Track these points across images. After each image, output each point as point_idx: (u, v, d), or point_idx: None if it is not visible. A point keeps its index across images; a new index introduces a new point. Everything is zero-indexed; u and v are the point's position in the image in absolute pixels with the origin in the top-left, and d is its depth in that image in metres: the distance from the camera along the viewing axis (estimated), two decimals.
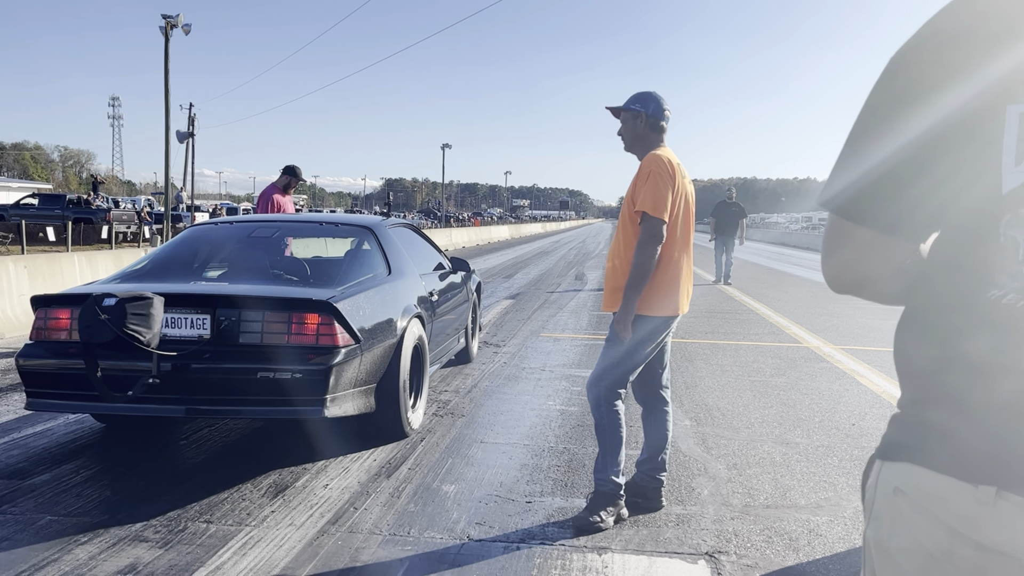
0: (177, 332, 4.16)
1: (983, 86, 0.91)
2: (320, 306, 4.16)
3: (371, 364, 4.45)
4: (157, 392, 4.05)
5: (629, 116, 3.63)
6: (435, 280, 6.01)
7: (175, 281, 4.70)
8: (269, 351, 4.09)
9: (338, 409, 4.19)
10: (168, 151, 29.15)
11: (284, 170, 8.49)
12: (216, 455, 4.56)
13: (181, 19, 28.58)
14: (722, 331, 9.55)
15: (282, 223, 6.00)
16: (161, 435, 4.92)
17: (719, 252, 16.02)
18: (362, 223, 5.80)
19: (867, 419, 5.46)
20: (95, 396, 4.09)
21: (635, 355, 3.55)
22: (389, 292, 4.96)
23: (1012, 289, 0.90)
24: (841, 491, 4.01)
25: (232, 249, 5.50)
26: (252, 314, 4.15)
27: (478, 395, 5.95)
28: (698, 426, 5.19)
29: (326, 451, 4.54)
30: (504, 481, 4.08)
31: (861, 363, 7.52)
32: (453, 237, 32.40)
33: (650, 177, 3.45)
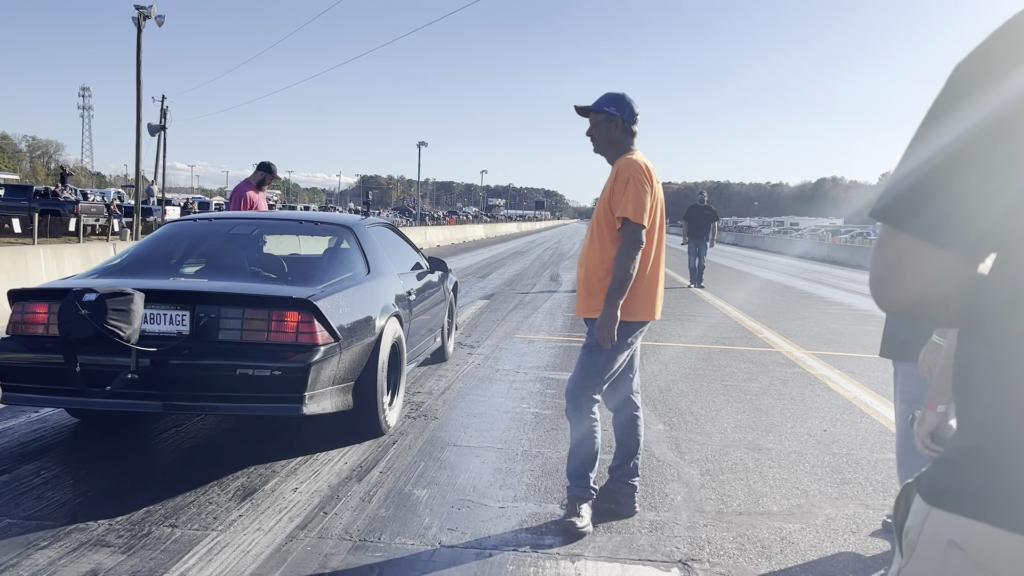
0: (156, 328, 4.15)
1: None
2: (300, 304, 4.17)
3: (350, 362, 4.45)
4: (135, 387, 4.04)
5: (603, 119, 3.59)
6: (413, 279, 6.03)
7: (154, 277, 4.68)
8: (248, 348, 4.11)
9: (316, 407, 4.19)
10: (139, 143, 28.73)
11: (259, 166, 8.44)
12: (183, 456, 4.48)
13: (154, 10, 28.18)
14: (695, 334, 9.59)
15: (262, 221, 5.96)
16: (127, 436, 4.81)
17: (692, 255, 16.12)
18: (342, 222, 5.81)
19: (837, 425, 5.49)
20: (73, 391, 4.08)
21: (613, 361, 3.53)
22: (368, 291, 4.97)
23: None
24: (813, 498, 4.02)
25: (211, 246, 5.48)
26: (232, 311, 4.16)
27: (452, 397, 5.91)
28: (671, 430, 5.19)
29: (296, 453, 4.47)
30: (477, 486, 4.04)
31: (831, 368, 7.58)
32: (428, 236, 32.30)
33: (630, 183, 3.43)
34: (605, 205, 3.52)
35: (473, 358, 7.50)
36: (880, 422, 5.56)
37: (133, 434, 4.84)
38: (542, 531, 3.49)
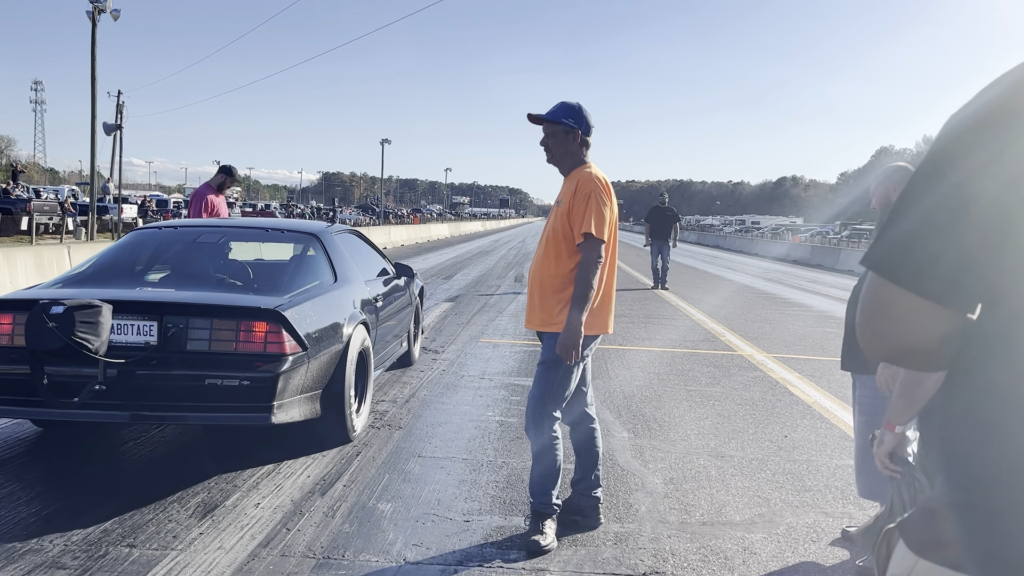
0: (124, 339, 4.15)
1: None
2: (268, 314, 4.20)
3: (317, 371, 4.49)
4: (103, 398, 4.05)
5: (561, 131, 3.56)
6: (379, 286, 6.10)
7: (120, 286, 4.69)
8: (217, 358, 4.12)
9: (285, 416, 4.23)
10: (94, 140, 28.12)
11: (219, 169, 8.49)
12: (142, 471, 4.39)
13: (109, 4, 27.59)
14: (659, 337, 9.66)
15: (228, 228, 5.93)
16: (84, 449, 4.71)
17: (654, 257, 16.25)
18: (308, 230, 5.87)
19: (799, 430, 5.57)
20: (40, 402, 4.08)
21: (571, 376, 3.53)
22: (335, 299, 5.00)
23: None
24: (774, 506, 4.08)
25: (178, 254, 5.48)
26: (200, 321, 4.17)
27: (416, 405, 5.88)
28: (636, 438, 5.22)
29: (259, 464, 4.41)
30: (442, 499, 4.02)
31: (792, 372, 7.69)
32: (392, 235, 32.11)
33: (591, 199, 3.43)
34: (564, 218, 3.50)
35: (438, 364, 7.48)
36: (839, 427, 5.66)
37: (90, 447, 4.74)
38: (507, 545, 3.49)
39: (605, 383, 6.82)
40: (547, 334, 3.53)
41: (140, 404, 4.13)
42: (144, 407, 4.14)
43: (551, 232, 3.55)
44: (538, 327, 3.58)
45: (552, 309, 3.49)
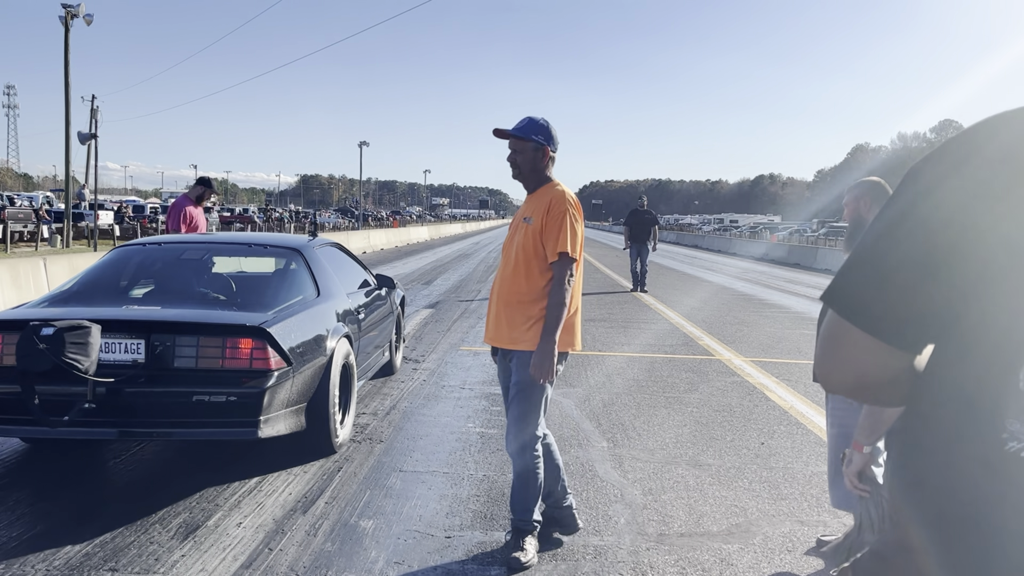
0: (111, 357, 4.23)
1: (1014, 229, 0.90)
2: (253, 331, 4.29)
3: (302, 385, 4.59)
4: (92, 416, 4.15)
5: (530, 148, 3.57)
6: (361, 297, 6.22)
7: (107, 304, 4.78)
8: (204, 375, 4.22)
9: (271, 430, 4.34)
10: (68, 146, 27.86)
11: (197, 181, 8.52)
12: (122, 491, 4.39)
13: (83, 8, 27.37)
14: (638, 343, 9.74)
15: (212, 244, 6.09)
16: (64, 470, 4.69)
17: (633, 259, 16.34)
18: (291, 245, 6.01)
19: (775, 437, 5.66)
20: (30, 420, 4.17)
21: (549, 392, 3.58)
22: (319, 314, 5.12)
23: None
24: (751, 516, 4.15)
25: (163, 271, 5.60)
26: (187, 339, 4.26)
27: (397, 417, 5.90)
28: (615, 447, 5.28)
29: (240, 482, 4.42)
30: (423, 514, 4.06)
31: (770, 376, 7.79)
32: (371, 239, 32.03)
33: (566, 218, 3.48)
34: (536, 237, 3.51)
35: (418, 374, 7.50)
36: (815, 433, 5.75)
37: (70, 469, 4.72)
38: (488, 561, 3.53)
39: (584, 391, 6.88)
40: (517, 353, 3.54)
41: (129, 421, 4.22)
42: (133, 424, 4.23)
43: (520, 250, 3.55)
44: (505, 344, 3.57)
45: (521, 327, 3.50)
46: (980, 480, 0.92)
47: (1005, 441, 0.90)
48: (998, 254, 0.92)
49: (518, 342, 3.51)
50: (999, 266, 0.92)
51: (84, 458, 4.88)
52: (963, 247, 0.94)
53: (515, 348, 3.53)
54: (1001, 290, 0.92)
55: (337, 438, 4.98)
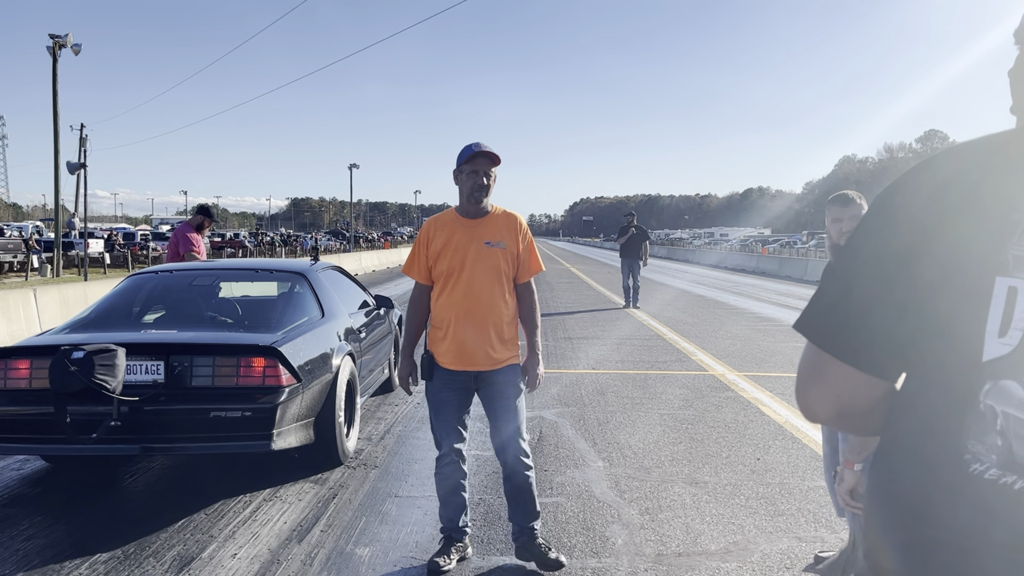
0: (134, 378, 4.51)
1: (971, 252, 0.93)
2: (266, 351, 4.59)
3: (311, 400, 4.88)
4: (117, 433, 4.41)
5: (495, 175, 3.68)
6: (361, 317, 6.57)
7: (126, 330, 5.06)
8: (220, 392, 4.50)
9: (283, 442, 4.60)
10: (57, 175, 27.83)
11: (197, 210, 8.76)
12: (113, 524, 4.34)
13: (71, 39, 27.43)
14: (631, 360, 9.73)
15: (221, 271, 6.55)
16: (53, 506, 4.64)
17: (625, 276, 16.37)
18: (295, 269, 6.37)
19: (771, 452, 5.65)
20: (62, 439, 4.43)
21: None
22: (324, 333, 5.41)
23: (992, 463, 0.91)
24: (748, 533, 4.14)
25: (176, 297, 5.86)
26: (203, 359, 4.55)
27: (391, 442, 5.88)
28: (611, 467, 5.26)
29: (234, 513, 4.39)
30: (420, 540, 4.03)
31: (764, 391, 7.79)
32: (363, 261, 32.01)
33: (531, 238, 3.75)
34: (512, 260, 3.65)
35: (412, 397, 7.47)
36: (811, 447, 5.75)
37: (62, 501, 4.68)
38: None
39: (579, 410, 6.87)
40: (501, 370, 3.63)
41: (150, 437, 4.49)
42: (154, 440, 4.50)
43: (495, 273, 3.60)
44: (488, 366, 3.62)
45: (508, 344, 3.67)
46: (946, 504, 0.93)
47: (968, 463, 0.92)
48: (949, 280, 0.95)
49: (501, 360, 3.63)
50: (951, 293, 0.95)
51: (76, 490, 4.84)
52: (919, 274, 0.97)
53: (496, 368, 3.62)
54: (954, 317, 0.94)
55: (344, 450, 5.25)
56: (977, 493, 0.91)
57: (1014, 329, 0.91)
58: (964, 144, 1.03)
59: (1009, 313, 0.91)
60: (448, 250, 3.59)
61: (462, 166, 3.59)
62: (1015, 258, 0.91)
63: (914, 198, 1.00)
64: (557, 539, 4.02)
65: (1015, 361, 0.90)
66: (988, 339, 0.91)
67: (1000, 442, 0.90)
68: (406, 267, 3.77)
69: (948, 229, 0.95)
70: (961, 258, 0.94)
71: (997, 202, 0.94)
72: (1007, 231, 0.92)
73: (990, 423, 0.91)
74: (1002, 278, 0.91)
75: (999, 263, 0.92)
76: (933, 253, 0.96)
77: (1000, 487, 0.90)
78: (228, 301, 6.15)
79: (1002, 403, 0.91)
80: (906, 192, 1.02)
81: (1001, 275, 0.92)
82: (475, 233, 3.61)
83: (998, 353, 0.91)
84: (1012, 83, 1.05)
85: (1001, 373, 0.91)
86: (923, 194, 1.00)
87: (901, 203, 1.02)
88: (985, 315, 0.92)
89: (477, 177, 3.55)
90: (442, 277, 3.62)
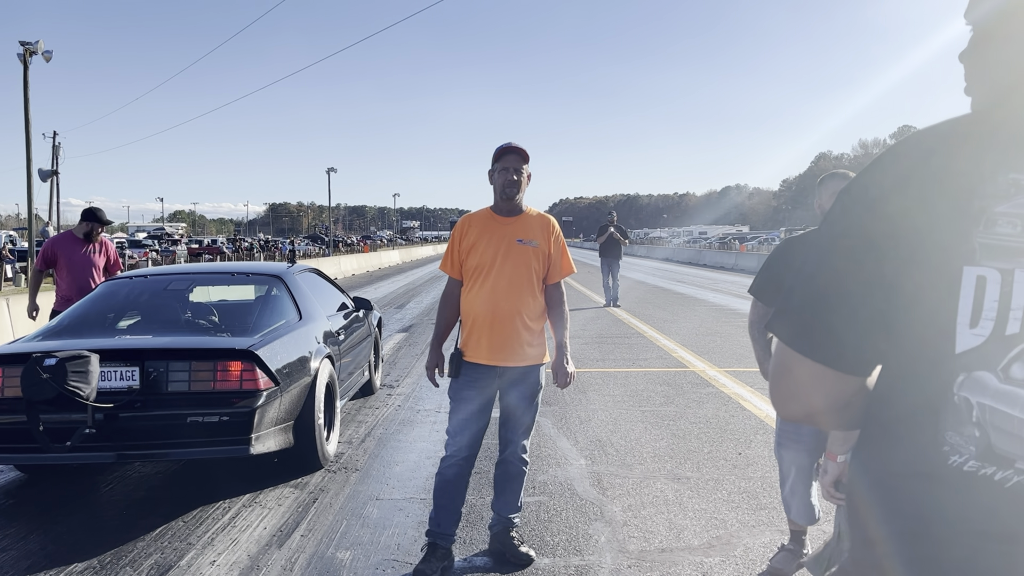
0: (108, 384, 4.43)
1: (937, 243, 0.92)
2: (242, 354, 4.53)
3: (289, 403, 4.83)
4: (92, 441, 4.35)
5: (527, 170, 3.68)
6: (340, 320, 6.49)
7: (100, 336, 5.01)
8: (197, 397, 4.43)
9: (262, 446, 4.55)
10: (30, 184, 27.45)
11: (83, 215, 7.16)
12: (89, 533, 4.26)
13: (41, 46, 27.05)
14: (612, 357, 9.74)
15: (196, 274, 6.44)
16: (28, 514, 4.56)
17: (605, 275, 16.41)
18: (271, 272, 6.28)
19: (752, 447, 5.66)
20: (36, 448, 4.36)
21: None
22: (302, 336, 5.34)
23: (971, 454, 0.90)
24: (731, 527, 4.14)
25: (151, 302, 5.76)
26: (179, 364, 4.47)
27: (372, 445, 5.83)
28: (593, 464, 5.25)
29: (212, 521, 4.33)
30: (401, 543, 3.99)
31: (744, 386, 7.81)
32: (342, 265, 31.84)
33: (563, 239, 3.76)
34: (544, 259, 3.67)
35: (393, 399, 7.43)
36: None
37: (37, 509, 4.59)
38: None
39: (561, 409, 6.86)
40: (526, 367, 3.65)
41: (126, 444, 4.40)
42: (130, 447, 4.41)
43: (525, 270, 3.63)
44: (516, 362, 3.63)
45: (534, 343, 3.67)
46: (926, 495, 0.92)
47: (947, 455, 0.91)
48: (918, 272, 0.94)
49: (527, 358, 3.64)
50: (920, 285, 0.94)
51: (51, 500, 4.75)
52: (887, 266, 0.96)
53: (523, 364, 3.64)
54: (925, 309, 0.93)
55: (324, 454, 5.21)
56: (957, 485, 0.90)
57: (985, 319, 0.90)
58: (927, 130, 1.01)
59: (979, 303, 0.90)
60: (480, 245, 3.64)
61: (494, 165, 3.66)
62: (982, 246, 0.90)
63: (879, 188, 0.99)
64: (540, 537, 4.01)
65: (988, 352, 0.90)
66: (960, 330, 0.91)
67: (978, 433, 0.90)
68: (442, 263, 3.77)
69: (914, 220, 0.94)
70: (929, 249, 0.93)
71: (961, 189, 0.93)
72: (972, 219, 0.91)
73: (966, 414, 0.91)
74: (970, 267, 0.90)
75: (966, 252, 0.91)
76: (900, 245, 0.95)
77: (980, 478, 0.89)
78: (204, 305, 6.06)
79: (977, 394, 0.90)
80: (870, 183, 1.01)
81: (969, 264, 0.91)
82: (508, 230, 3.65)
83: (970, 344, 0.90)
84: (965, 65, 1.04)
85: (974, 364, 0.90)
86: (887, 184, 0.98)
87: (865, 194, 1.01)
88: (955, 306, 0.91)
89: (508, 174, 3.61)
90: (472, 272, 3.65)
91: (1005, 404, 0.88)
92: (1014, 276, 0.89)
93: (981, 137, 0.95)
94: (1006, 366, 0.89)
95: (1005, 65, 0.98)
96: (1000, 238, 0.90)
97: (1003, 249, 0.90)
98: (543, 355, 3.71)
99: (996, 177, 0.91)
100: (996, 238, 0.90)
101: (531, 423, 3.76)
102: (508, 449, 3.74)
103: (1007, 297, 0.89)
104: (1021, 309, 0.89)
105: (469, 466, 3.68)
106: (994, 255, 0.90)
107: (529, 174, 3.68)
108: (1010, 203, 0.90)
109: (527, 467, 3.79)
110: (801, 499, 3.53)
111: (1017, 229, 0.90)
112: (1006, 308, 0.89)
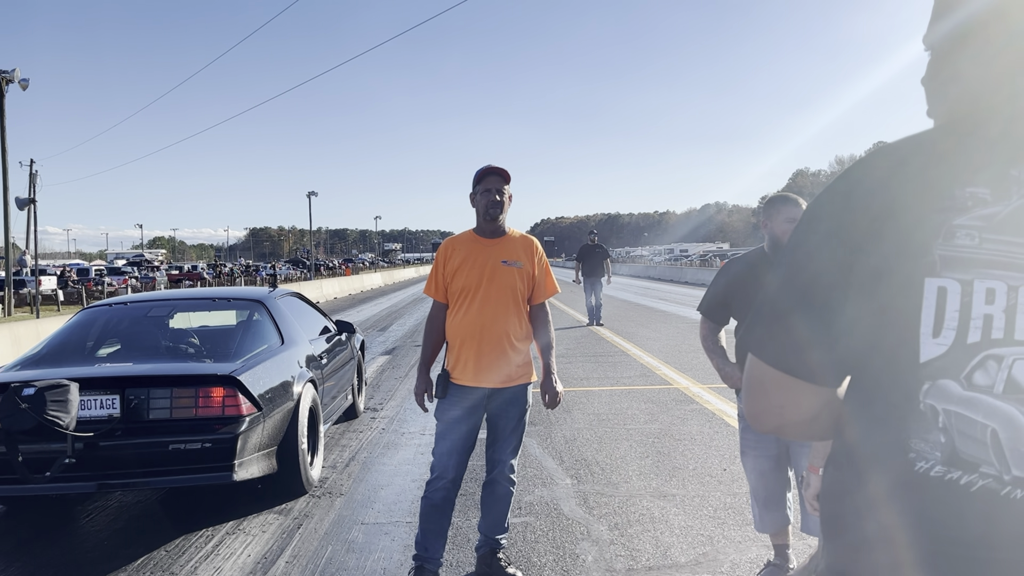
0: (89, 413, 4.39)
1: (901, 255, 0.94)
2: (224, 380, 4.51)
3: (272, 429, 4.80)
4: (72, 471, 4.29)
5: (509, 192, 3.71)
6: (323, 343, 6.45)
7: (80, 364, 4.99)
8: (178, 424, 4.39)
9: (245, 472, 4.51)
10: (7, 213, 27.20)
11: None
12: (70, 565, 4.19)
13: (18, 74, 26.91)
14: (596, 376, 9.75)
15: (177, 300, 6.38)
16: (5, 551, 4.48)
17: (588, 294, 16.46)
18: (253, 296, 6.24)
19: (737, 462, 5.67)
20: (15, 479, 4.29)
21: None
22: (284, 360, 5.31)
23: (936, 460, 0.92)
24: (717, 544, 4.14)
25: (131, 328, 5.71)
26: (160, 391, 4.44)
27: (356, 469, 5.79)
28: (579, 484, 5.24)
29: (195, 550, 4.28)
30: (387, 567, 3.96)
31: (728, 402, 7.84)
32: (324, 289, 31.70)
33: (546, 260, 3.77)
34: (528, 280, 3.69)
35: (377, 422, 7.39)
36: None
37: (14, 541, 4.51)
38: None
39: (546, 428, 6.85)
40: (512, 388, 3.66)
41: (107, 473, 4.34)
42: (111, 476, 4.35)
43: (510, 291, 3.65)
44: (501, 383, 3.64)
45: (520, 362, 3.67)
46: (894, 503, 0.94)
47: (913, 462, 0.93)
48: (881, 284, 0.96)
49: (515, 378, 3.65)
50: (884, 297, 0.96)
51: (31, 532, 4.68)
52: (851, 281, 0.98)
53: (511, 384, 3.64)
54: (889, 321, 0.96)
55: (308, 479, 5.16)
56: (923, 491, 0.92)
57: (947, 329, 0.92)
58: (891, 145, 1.04)
59: (941, 314, 0.92)
60: (465, 268, 3.64)
61: (476, 187, 3.67)
62: (942, 258, 0.93)
63: (843, 205, 1.01)
64: (527, 559, 3.99)
65: (951, 361, 0.92)
66: (923, 340, 0.93)
67: (943, 439, 0.92)
68: (426, 287, 3.77)
69: (877, 233, 0.97)
70: (892, 262, 0.95)
71: (922, 202, 0.95)
72: (933, 231, 0.94)
73: (932, 421, 0.93)
74: (931, 279, 0.93)
75: (927, 264, 0.93)
76: (864, 260, 0.97)
77: (946, 483, 0.91)
78: (185, 331, 6.00)
79: (942, 401, 0.92)
80: (835, 200, 1.03)
81: (930, 276, 0.93)
82: (492, 252, 3.66)
83: (934, 354, 0.93)
84: (925, 89, 1.08)
85: (938, 373, 0.93)
86: (852, 201, 1.01)
87: (830, 211, 1.03)
88: (919, 317, 0.93)
89: (490, 195, 3.63)
90: (458, 294, 3.65)
91: (969, 410, 0.91)
92: (973, 287, 0.92)
93: (943, 153, 0.98)
94: (968, 374, 0.92)
95: (961, 86, 1.01)
96: (959, 250, 0.93)
97: (962, 260, 0.92)
98: (530, 374, 3.72)
99: (954, 191, 0.94)
100: (955, 250, 0.93)
101: (519, 443, 3.77)
102: (496, 469, 3.74)
103: (967, 307, 0.92)
104: (981, 319, 0.91)
105: (456, 488, 3.67)
106: (954, 266, 0.93)
107: (511, 195, 3.71)
108: (968, 215, 0.93)
109: (514, 487, 3.79)
110: (764, 506, 3.54)
111: (975, 241, 0.92)
112: (967, 318, 0.92)
